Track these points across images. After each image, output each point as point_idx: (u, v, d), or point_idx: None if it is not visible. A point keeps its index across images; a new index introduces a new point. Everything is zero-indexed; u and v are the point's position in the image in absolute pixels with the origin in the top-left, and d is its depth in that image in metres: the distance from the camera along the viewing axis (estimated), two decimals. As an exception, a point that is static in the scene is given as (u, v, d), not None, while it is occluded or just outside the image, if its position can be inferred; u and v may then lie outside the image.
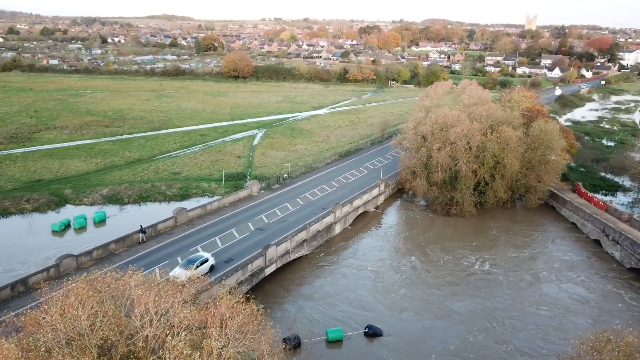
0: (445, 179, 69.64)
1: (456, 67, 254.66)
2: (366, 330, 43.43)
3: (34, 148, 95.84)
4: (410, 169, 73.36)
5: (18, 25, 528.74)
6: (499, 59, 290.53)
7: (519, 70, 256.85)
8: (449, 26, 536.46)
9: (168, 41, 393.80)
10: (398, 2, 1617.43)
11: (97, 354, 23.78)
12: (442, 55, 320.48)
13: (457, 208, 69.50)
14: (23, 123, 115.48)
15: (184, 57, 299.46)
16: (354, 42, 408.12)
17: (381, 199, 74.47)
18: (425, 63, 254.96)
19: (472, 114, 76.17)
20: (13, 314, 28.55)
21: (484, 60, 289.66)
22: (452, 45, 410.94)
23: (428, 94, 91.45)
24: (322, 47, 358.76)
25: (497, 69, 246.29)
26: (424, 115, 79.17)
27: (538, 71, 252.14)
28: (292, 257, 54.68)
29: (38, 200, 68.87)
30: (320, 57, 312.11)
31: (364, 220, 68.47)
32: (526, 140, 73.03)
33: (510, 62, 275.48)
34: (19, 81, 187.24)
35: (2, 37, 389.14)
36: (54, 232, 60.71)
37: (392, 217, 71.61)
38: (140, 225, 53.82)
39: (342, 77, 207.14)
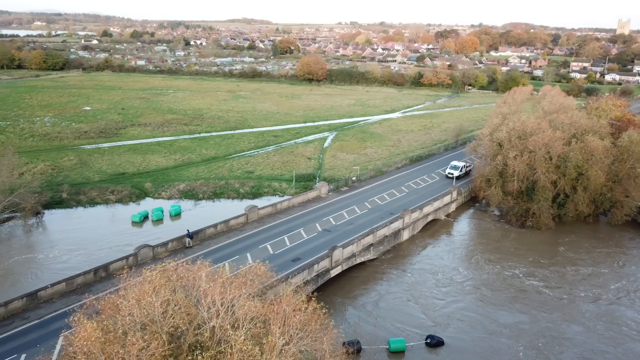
0: (522, 189, 66.66)
1: (538, 73, 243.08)
2: (428, 341, 42.41)
3: (119, 143, 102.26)
4: (485, 177, 70.82)
5: (111, 29, 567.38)
6: (585, 65, 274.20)
7: (608, 77, 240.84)
8: (532, 30, 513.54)
9: (246, 44, 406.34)
10: (477, 5, 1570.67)
11: (168, 340, 24.85)
12: (523, 61, 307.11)
13: (533, 220, 66.21)
14: (111, 119, 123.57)
15: (261, 59, 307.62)
16: (430, 46, 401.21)
17: (453, 206, 72.47)
18: (505, 68, 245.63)
19: (553, 122, 72.39)
20: (94, 297, 30.44)
21: (569, 66, 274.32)
22: (535, 50, 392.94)
23: (506, 100, 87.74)
24: (397, 51, 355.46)
25: (584, 76, 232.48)
26: (500, 122, 76.28)
27: (630, 78, 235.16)
28: (358, 260, 54.46)
29: (121, 192, 73.35)
30: (395, 61, 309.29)
31: (433, 228, 66.93)
32: (614, 151, 68.37)
33: (599, 69, 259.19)
34: (110, 80, 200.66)
35: (97, 40, 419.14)
36: (134, 223, 64.31)
37: (463, 226, 69.48)
38: (187, 230, 54.15)
39: (417, 82, 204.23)
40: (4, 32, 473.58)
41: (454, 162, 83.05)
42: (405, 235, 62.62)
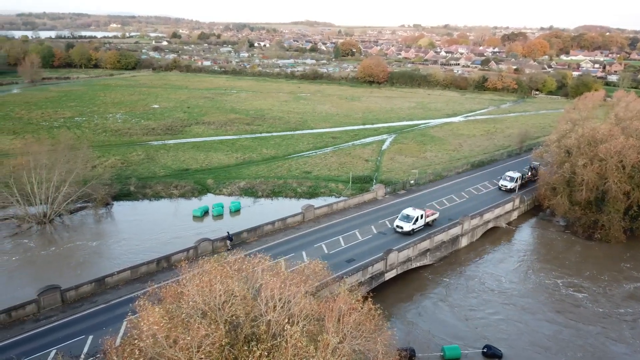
0: (590, 199, 63.47)
1: (613, 78, 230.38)
2: (484, 350, 41.25)
3: (184, 140, 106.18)
4: (550, 185, 68.01)
5: (180, 30, 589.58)
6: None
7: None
8: (607, 33, 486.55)
9: (309, 46, 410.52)
10: (548, 7, 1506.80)
11: (225, 329, 25.61)
12: (597, 65, 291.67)
13: (602, 232, 62.86)
14: (177, 117, 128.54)
15: (323, 61, 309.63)
16: (496, 49, 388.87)
17: (514, 214, 70.04)
18: (576, 73, 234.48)
19: (627, 129, 68.45)
20: (156, 286, 31.82)
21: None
22: (610, 55, 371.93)
23: (576, 105, 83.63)
24: (461, 54, 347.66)
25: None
26: (570, 128, 72.95)
27: None
28: (414, 265, 53.76)
29: (184, 187, 76.18)
30: (459, 64, 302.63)
31: (493, 236, 64.96)
32: (696, 162, 63.73)
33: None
34: (177, 80, 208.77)
35: (166, 41, 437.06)
36: (195, 217, 66.58)
37: (525, 235, 67.00)
38: (227, 232, 54.61)
39: (480, 85, 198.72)
40: (83, 33, 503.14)
41: (407, 211, 59.73)
42: (464, 242, 61.17)
